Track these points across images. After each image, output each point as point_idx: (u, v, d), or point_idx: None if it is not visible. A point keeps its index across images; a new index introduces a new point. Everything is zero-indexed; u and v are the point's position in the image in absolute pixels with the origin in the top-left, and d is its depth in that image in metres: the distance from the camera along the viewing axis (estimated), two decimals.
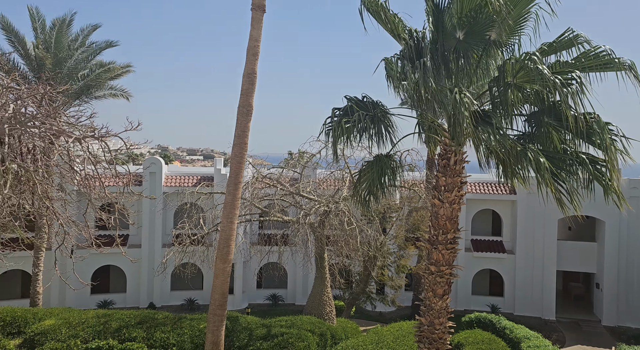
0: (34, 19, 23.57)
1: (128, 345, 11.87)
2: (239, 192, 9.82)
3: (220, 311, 9.72)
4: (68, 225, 10.93)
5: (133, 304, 29.56)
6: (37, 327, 14.85)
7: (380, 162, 9.65)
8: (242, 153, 9.76)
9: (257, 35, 9.59)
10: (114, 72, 24.90)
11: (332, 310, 17.47)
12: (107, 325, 14.96)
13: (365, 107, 8.63)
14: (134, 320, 15.04)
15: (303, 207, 16.66)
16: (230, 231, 9.68)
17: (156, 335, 13.85)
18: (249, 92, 9.67)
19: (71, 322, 15.14)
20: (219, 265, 9.69)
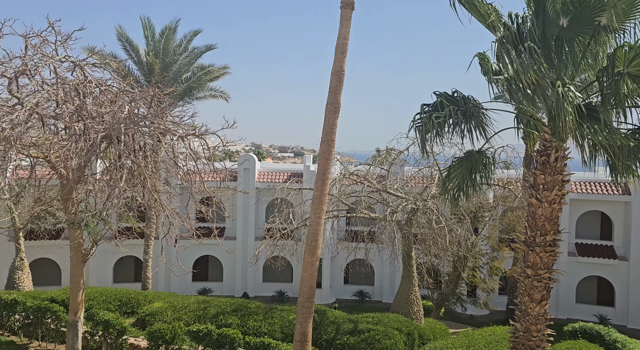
0: (145, 28, 25.91)
1: (224, 331, 12.64)
2: (327, 188, 10.01)
3: (308, 304, 10.00)
4: (172, 216, 11.91)
5: (229, 292, 31.37)
6: (147, 308, 16.41)
7: (471, 158, 9.26)
8: (330, 150, 9.93)
9: (345, 32, 9.67)
10: (212, 74, 26.60)
11: (419, 310, 17.14)
12: (206, 310, 16.10)
13: (456, 102, 8.32)
14: (229, 307, 16.01)
15: (390, 204, 16.51)
16: (317, 226, 9.90)
17: (249, 323, 14.62)
18: (336, 89, 9.80)
19: (175, 305, 16.51)
20: (307, 259, 9.97)
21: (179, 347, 12.94)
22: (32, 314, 14.39)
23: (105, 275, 29.67)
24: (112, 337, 13.68)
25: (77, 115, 11.16)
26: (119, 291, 18.28)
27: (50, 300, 16.09)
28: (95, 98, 11.42)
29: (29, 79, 11.34)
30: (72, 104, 11.09)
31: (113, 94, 11.96)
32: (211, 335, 12.81)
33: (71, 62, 11.94)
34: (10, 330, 15.10)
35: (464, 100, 8.44)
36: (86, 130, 10.41)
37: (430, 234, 16.09)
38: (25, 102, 10.98)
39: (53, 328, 14.40)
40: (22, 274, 21.37)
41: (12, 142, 9.93)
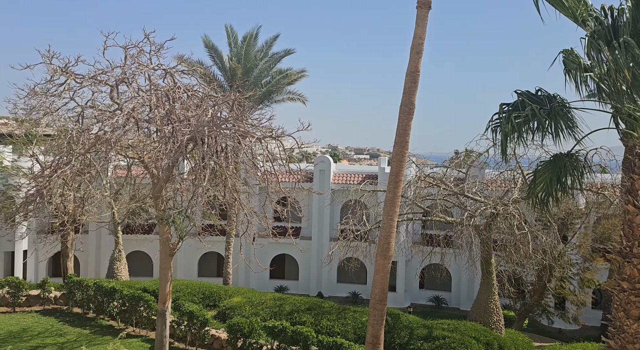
0: (229, 35, 27.29)
1: (298, 328, 12.95)
2: (399, 190, 9.90)
3: (380, 306, 9.95)
4: (250, 215, 12.44)
5: (304, 291, 32.00)
6: (227, 302, 17.27)
7: (559, 161, 8.69)
8: (403, 152, 9.81)
9: (421, 33, 9.51)
10: (290, 77, 27.36)
11: (499, 320, 16.32)
12: (281, 307, 16.59)
13: (539, 101, 7.84)
14: (303, 306, 16.36)
15: (468, 208, 15.90)
16: (390, 228, 9.82)
17: (322, 322, 14.84)
18: (411, 90, 9.66)
19: (253, 301, 17.20)
20: (379, 261, 9.92)
21: (256, 341, 13.46)
22: (128, 302, 15.73)
23: (191, 269, 31.61)
24: (196, 328, 14.56)
25: (167, 119, 12.06)
26: (202, 285, 19.39)
27: (143, 290, 17.48)
28: (183, 103, 12.27)
29: (127, 86, 12.46)
30: (163, 109, 11.99)
31: (199, 99, 12.78)
32: (286, 331, 13.19)
33: (163, 69, 12.93)
34: (109, 315, 16.64)
35: (549, 99, 7.94)
36: (174, 133, 11.21)
37: (512, 241, 15.25)
38: (124, 108, 12.08)
39: (145, 315, 15.63)
40: (120, 265, 23.41)
41: (112, 144, 10.97)
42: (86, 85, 12.36)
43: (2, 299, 17.44)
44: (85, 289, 16.86)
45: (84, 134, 11.10)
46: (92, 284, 16.79)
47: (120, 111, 12.01)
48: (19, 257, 27.32)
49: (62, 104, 12.14)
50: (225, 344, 14.30)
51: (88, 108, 12.35)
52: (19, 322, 15.95)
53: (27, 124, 23.63)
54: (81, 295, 16.98)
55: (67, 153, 10.85)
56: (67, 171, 10.47)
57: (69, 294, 17.38)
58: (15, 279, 17.20)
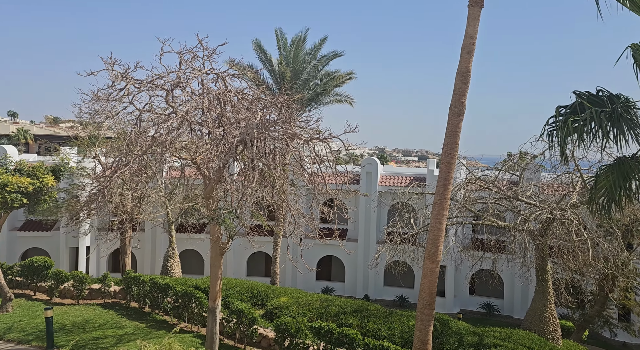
0: (278, 38, 27.77)
1: (345, 330, 12.94)
2: (449, 193, 9.68)
3: (427, 311, 9.77)
4: (298, 216, 12.58)
5: (350, 293, 31.96)
6: (275, 302, 17.54)
7: (623, 165, 8.22)
8: (453, 154, 9.59)
9: (472, 32, 9.27)
10: (338, 79, 27.43)
11: (556, 330, 15.55)
12: (327, 309, 16.64)
13: (600, 103, 7.42)
14: (350, 308, 16.33)
15: (521, 212, 15.27)
16: (438, 232, 9.62)
17: (369, 325, 14.74)
18: (461, 91, 9.44)
19: (300, 301, 17.36)
20: (427, 265, 9.74)
21: (303, 341, 13.57)
22: (180, 298, 16.33)
23: (240, 268, 32.35)
24: (244, 326, 14.89)
25: (218, 122, 12.44)
26: (250, 284, 19.81)
27: (194, 287, 18.08)
28: (233, 106, 12.61)
29: (181, 90, 12.97)
30: (214, 112, 12.38)
31: (248, 102, 13.09)
32: (332, 333, 13.21)
33: (215, 73, 13.36)
34: (164, 311, 17.33)
35: (611, 99, 7.51)
36: (225, 135, 11.55)
37: (570, 247, 14.50)
38: (178, 111, 12.59)
39: (196, 312, 16.16)
40: (174, 262, 24.34)
41: (167, 146, 11.45)
42: (144, 89, 13.00)
43: (68, 291, 18.60)
44: (142, 285, 17.66)
45: (142, 136, 11.66)
46: (147, 280, 17.56)
47: (175, 114, 12.53)
48: (82, 253, 29.06)
49: (121, 107, 12.84)
50: (273, 342, 14.52)
51: (145, 111, 12.97)
52: (82, 314, 16.95)
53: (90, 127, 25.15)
54: (138, 291, 17.80)
55: (126, 154, 11.42)
56: (125, 172, 11.03)
57: (126, 288, 18.28)
58: (79, 273, 18.30)
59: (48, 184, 16.42)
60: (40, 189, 16.30)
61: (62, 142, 50.23)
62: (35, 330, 15.37)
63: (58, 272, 18.29)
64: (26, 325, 15.75)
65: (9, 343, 14.50)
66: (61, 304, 17.99)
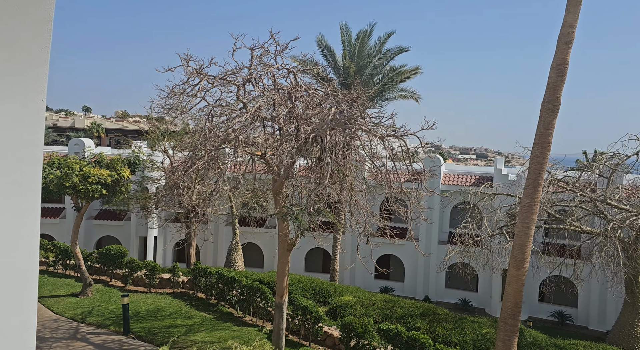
0: (343, 33, 27.45)
1: (414, 334, 12.48)
2: (539, 195, 8.95)
3: (512, 321, 9.11)
4: (368, 214, 12.25)
5: (410, 294, 31.22)
6: (338, 300, 17.33)
7: None
8: (545, 153, 8.84)
9: (572, 20, 8.45)
10: (403, 75, 26.68)
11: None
12: (392, 310, 16.20)
13: None
14: (416, 311, 15.80)
15: (611, 218, 14.02)
16: (526, 237, 8.93)
17: (438, 330, 14.16)
18: (557, 85, 8.65)
19: (364, 301, 17.04)
20: (512, 272, 9.08)
21: (369, 343, 13.25)
22: (246, 292, 16.51)
23: (298, 263, 32.51)
24: (309, 323, 14.78)
25: (289, 117, 12.34)
26: (313, 281, 19.72)
27: (259, 281, 18.25)
28: (304, 101, 12.45)
29: (252, 85, 13.00)
30: (285, 107, 12.28)
31: (319, 97, 12.88)
32: (401, 336, 12.79)
33: (286, 69, 13.27)
34: (229, 303, 17.63)
35: None
36: (298, 131, 11.41)
37: None
38: (249, 107, 12.61)
39: (261, 306, 16.28)
40: (237, 255, 24.81)
41: (239, 141, 11.48)
42: (216, 85, 13.15)
43: (140, 279, 19.40)
44: (209, 277, 18.05)
45: (215, 131, 11.78)
46: (214, 272, 17.93)
47: (246, 110, 12.57)
48: (150, 242, 30.36)
49: (195, 102, 13.05)
50: (338, 342, 14.31)
51: (217, 107, 13.12)
52: (154, 302, 17.59)
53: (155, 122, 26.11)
54: (205, 282, 18.22)
55: (201, 149, 11.57)
56: (199, 166, 11.17)
57: (194, 279, 18.77)
58: (151, 262, 19.02)
59: (125, 176, 17.13)
60: (117, 181, 17.04)
61: (131, 136, 52.96)
62: (112, 315, 16.12)
63: (132, 261, 19.11)
64: (104, 310, 16.56)
65: (89, 326, 15.28)
66: (134, 291, 18.80)
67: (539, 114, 8.88)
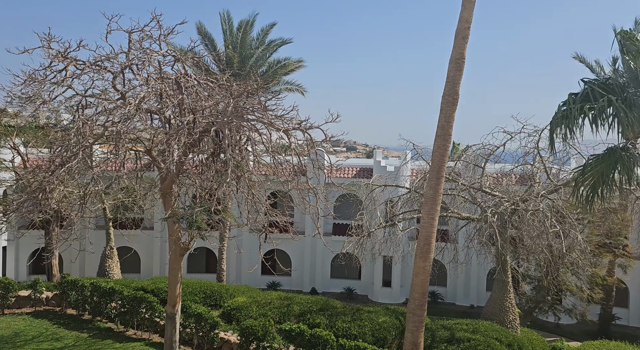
0: (224, 22, 26.13)
1: (317, 332, 12.26)
2: (441, 187, 9.26)
3: (419, 311, 9.34)
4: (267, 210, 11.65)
5: (297, 287, 31.40)
6: (232, 302, 16.42)
7: (612, 155, 8.20)
8: (446, 145, 9.16)
9: (468, 16, 8.84)
10: (288, 67, 26.37)
11: (515, 318, 15.97)
12: (290, 308, 15.83)
13: (612, 91, 7.28)
14: (314, 306, 15.65)
15: (482, 204, 15.40)
16: (431, 228, 9.19)
17: (338, 324, 14.17)
18: (455, 79, 9.00)
19: (259, 301, 16.39)
20: (419, 263, 9.28)
21: (270, 345, 12.72)
22: (128, 303, 14.74)
23: None
24: (204, 331, 13.72)
25: (178, 109, 11.11)
26: (203, 283, 18.48)
27: (142, 290, 16.48)
28: (196, 92, 11.31)
29: (133, 73, 11.43)
30: (174, 98, 11.03)
31: (211, 88, 11.84)
32: (303, 335, 12.48)
33: (173, 56, 11.94)
34: (107, 317, 15.60)
35: (621, 88, 7.38)
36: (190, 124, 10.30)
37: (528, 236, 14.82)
38: (127, 97, 11.06)
39: (147, 317, 14.69)
40: (112, 262, 22.26)
41: (121, 136, 9.98)
42: (87, 72, 11.31)
43: None
44: (81, 290, 15.78)
45: (90, 125, 10.08)
46: (88, 284, 15.72)
47: (124, 100, 11.01)
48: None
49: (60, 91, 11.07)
50: (236, 347, 13.51)
51: (90, 97, 11.31)
52: (9, 326, 14.81)
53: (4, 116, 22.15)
54: (76, 296, 15.89)
55: (74, 145, 9.81)
56: (73, 165, 9.44)
57: (62, 294, 16.27)
58: (4, 279, 15.99)
59: None
60: None
61: None
62: None
63: None
64: None
65: None
66: None
67: (440, 107, 9.17)
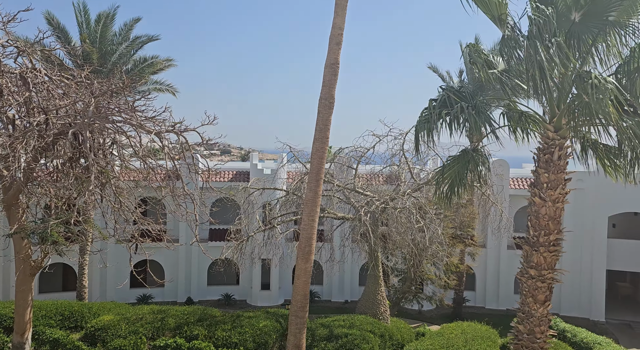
0: (79, 13, 23.59)
1: (195, 344, 11.65)
2: (320, 189, 9.45)
3: (302, 313, 9.38)
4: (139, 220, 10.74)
5: (171, 298, 29.72)
6: (96, 322, 14.78)
7: (465, 157, 9.18)
8: (324, 148, 9.37)
9: (340, 22, 9.15)
10: (156, 66, 24.76)
11: (386, 310, 17.05)
12: (164, 321, 14.80)
13: (465, 98, 8.14)
14: (192, 317, 14.85)
15: (355, 204, 16.20)
16: (311, 230, 9.31)
17: (217, 334, 13.63)
18: (331, 83, 9.26)
19: (129, 317, 15.03)
20: (300, 265, 9.34)
21: None
22: None
23: None
24: None
25: (25, 109, 9.65)
26: (59, 304, 16.33)
27: None
28: (47, 89, 9.92)
29: None
30: (19, 96, 9.54)
31: (67, 85, 10.50)
32: (180, 349, 11.76)
33: (15, 46, 10.31)
34: None
35: (471, 95, 8.28)
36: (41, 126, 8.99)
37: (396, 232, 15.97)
38: None
39: None
40: None
41: None
42: None
43: None
44: None
45: None
46: None
47: None
48: None
49: None
50: None
51: None
52: None
53: None
54: None
55: None
56: None
57: None
58: None
59: None
60: None
61: None
62: None
63: None
64: None
65: None
66: None
67: (317, 111, 9.35)
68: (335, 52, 9.19)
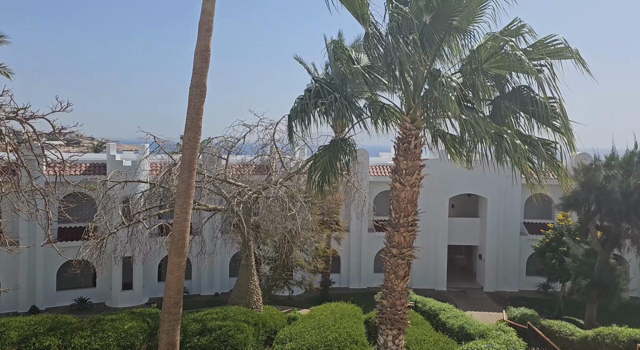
0: None
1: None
2: (193, 180, 9.05)
3: (175, 310, 8.96)
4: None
5: (9, 309, 26.24)
6: None
7: (335, 146, 9.68)
8: (197, 138, 8.99)
9: (210, 8, 8.80)
10: None
11: (259, 299, 17.18)
12: (4, 335, 12.86)
13: (336, 89, 8.53)
14: (41, 327, 13.13)
15: (226, 194, 15.92)
16: (184, 223, 8.90)
17: (75, 342, 12.29)
18: (202, 71, 8.90)
19: None
20: (173, 259, 8.89)
21: None
22: None
23: None
24: None
25: None
26: None
27: None
28: None
29: None
30: None
31: None
32: None
33: None
34: None
35: (341, 88, 8.71)
36: None
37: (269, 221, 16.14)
38: None
39: None
40: None
41: None
42: None
43: None
44: None
45: None
46: None
47: None
48: None
49: None
50: None
51: None
52: None
53: None
54: None
55: None
56: None
57: None
58: None
59: None
60: None
61: None
62: None
63: None
64: None
65: None
66: None
67: (189, 99, 8.91)
68: (206, 38, 8.87)
